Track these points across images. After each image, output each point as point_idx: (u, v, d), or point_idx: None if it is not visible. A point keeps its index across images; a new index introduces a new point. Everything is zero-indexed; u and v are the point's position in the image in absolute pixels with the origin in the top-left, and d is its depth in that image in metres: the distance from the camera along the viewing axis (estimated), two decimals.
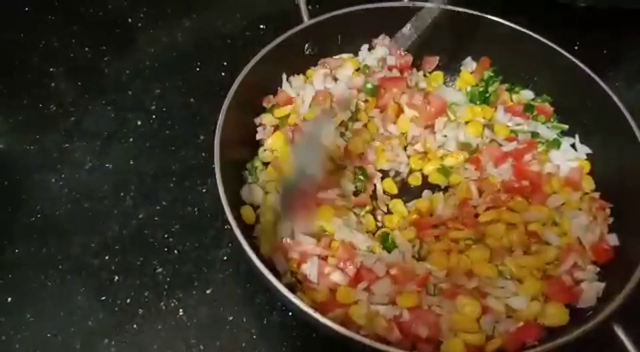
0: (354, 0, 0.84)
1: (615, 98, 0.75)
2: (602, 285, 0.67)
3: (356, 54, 0.85)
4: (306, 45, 0.82)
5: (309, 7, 0.83)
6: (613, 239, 0.71)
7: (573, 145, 0.81)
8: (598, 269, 0.69)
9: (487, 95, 0.85)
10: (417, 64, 0.87)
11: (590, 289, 0.67)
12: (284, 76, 0.82)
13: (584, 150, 0.80)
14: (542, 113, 0.83)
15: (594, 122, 0.79)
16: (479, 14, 0.83)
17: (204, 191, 0.77)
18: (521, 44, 0.83)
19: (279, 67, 0.81)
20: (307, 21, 0.80)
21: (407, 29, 0.81)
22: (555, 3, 0.94)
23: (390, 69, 0.82)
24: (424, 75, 0.88)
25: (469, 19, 0.83)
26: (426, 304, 0.65)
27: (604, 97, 0.76)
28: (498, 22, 0.83)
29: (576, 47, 0.93)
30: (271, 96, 0.80)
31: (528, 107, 0.83)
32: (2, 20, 0.94)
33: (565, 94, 0.82)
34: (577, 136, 0.81)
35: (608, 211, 0.74)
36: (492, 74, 0.87)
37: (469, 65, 0.88)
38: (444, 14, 0.81)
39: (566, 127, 0.82)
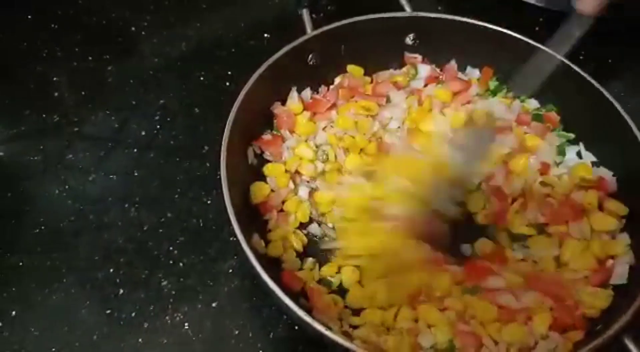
0: (356, 10, 0.83)
1: (619, 107, 0.75)
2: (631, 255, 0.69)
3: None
4: (309, 56, 0.81)
5: (313, 16, 0.83)
6: (625, 239, 0.71)
7: (578, 153, 0.81)
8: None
9: None
10: None
11: (621, 263, 0.68)
12: (294, 89, 0.81)
13: (589, 157, 0.80)
14: (549, 121, 0.83)
15: (598, 130, 0.79)
16: (483, 23, 0.83)
17: (208, 202, 0.77)
18: (525, 54, 0.82)
19: (284, 77, 0.80)
20: (310, 32, 0.80)
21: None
22: (560, 13, 0.94)
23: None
24: None
25: (472, 28, 0.83)
26: None
27: (607, 106, 0.76)
28: (502, 32, 0.82)
29: (581, 57, 0.93)
30: (278, 103, 0.80)
31: (537, 116, 0.83)
32: (4, 29, 0.93)
33: (569, 102, 0.82)
34: (581, 144, 0.81)
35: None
36: (497, 83, 0.87)
37: (471, 74, 0.88)
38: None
39: (572, 136, 0.82)
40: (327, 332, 0.57)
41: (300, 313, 0.58)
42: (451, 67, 0.87)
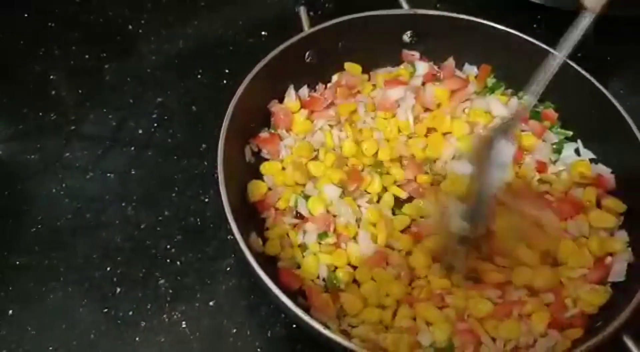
0: (354, 7, 0.83)
1: (618, 105, 0.75)
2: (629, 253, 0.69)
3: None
4: (307, 54, 0.81)
5: (310, 13, 0.82)
6: (623, 236, 0.71)
7: (577, 151, 0.81)
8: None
9: None
10: None
11: (620, 261, 0.68)
12: (291, 87, 0.81)
13: (587, 155, 0.80)
14: (547, 119, 0.83)
15: (597, 128, 0.79)
16: (481, 20, 0.83)
17: (206, 200, 0.76)
18: (523, 51, 0.82)
19: (282, 75, 0.80)
20: (307, 30, 0.80)
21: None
22: (558, 10, 0.94)
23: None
24: None
25: (470, 25, 0.83)
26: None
27: (607, 103, 0.76)
28: (500, 29, 0.82)
29: (580, 55, 0.93)
30: (276, 101, 0.80)
31: (535, 114, 0.83)
32: (2, 28, 0.93)
33: (568, 100, 0.82)
34: (580, 141, 0.81)
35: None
36: (495, 81, 0.86)
37: (469, 72, 0.88)
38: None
39: (570, 133, 0.82)
40: (325, 331, 0.57)
41: (298, 312, 0.58)
42: (449, 64, 0.87)
